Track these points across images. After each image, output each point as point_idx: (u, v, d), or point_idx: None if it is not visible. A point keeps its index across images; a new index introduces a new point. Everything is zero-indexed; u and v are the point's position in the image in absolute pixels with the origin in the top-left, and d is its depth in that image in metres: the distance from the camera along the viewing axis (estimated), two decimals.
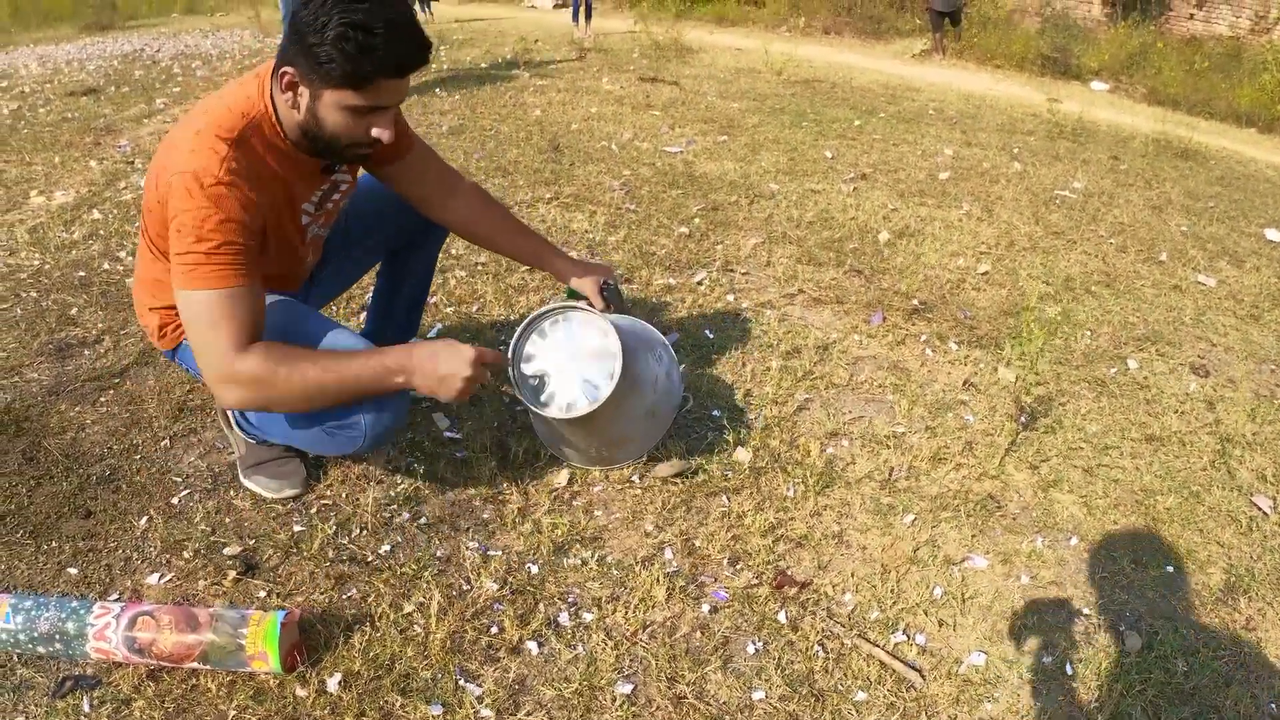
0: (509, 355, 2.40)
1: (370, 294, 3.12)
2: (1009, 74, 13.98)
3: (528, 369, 2.43)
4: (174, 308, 2.26)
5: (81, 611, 1.95)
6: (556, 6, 22.50)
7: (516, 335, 2.42)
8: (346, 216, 2.58)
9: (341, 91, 1.96)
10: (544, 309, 2.45)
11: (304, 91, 2.00)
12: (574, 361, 2.41)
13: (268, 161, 2.09)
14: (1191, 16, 16.57)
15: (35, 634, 1.94)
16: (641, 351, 2.49)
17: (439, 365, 2.09)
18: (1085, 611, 2.27)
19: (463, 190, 2.64)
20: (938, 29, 15.21)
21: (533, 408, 2.39)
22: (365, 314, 3.16)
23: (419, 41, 1.98)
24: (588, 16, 14.77)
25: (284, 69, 1.99)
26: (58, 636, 1.93)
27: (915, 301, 3.97)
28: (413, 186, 2.57)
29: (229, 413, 2.58)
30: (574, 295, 2.72)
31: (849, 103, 9.27)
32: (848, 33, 17.39)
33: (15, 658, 1.97)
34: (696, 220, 4.93)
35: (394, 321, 2.96)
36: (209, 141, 1.98)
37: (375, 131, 2.05)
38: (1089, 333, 3.83)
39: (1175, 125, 9.87)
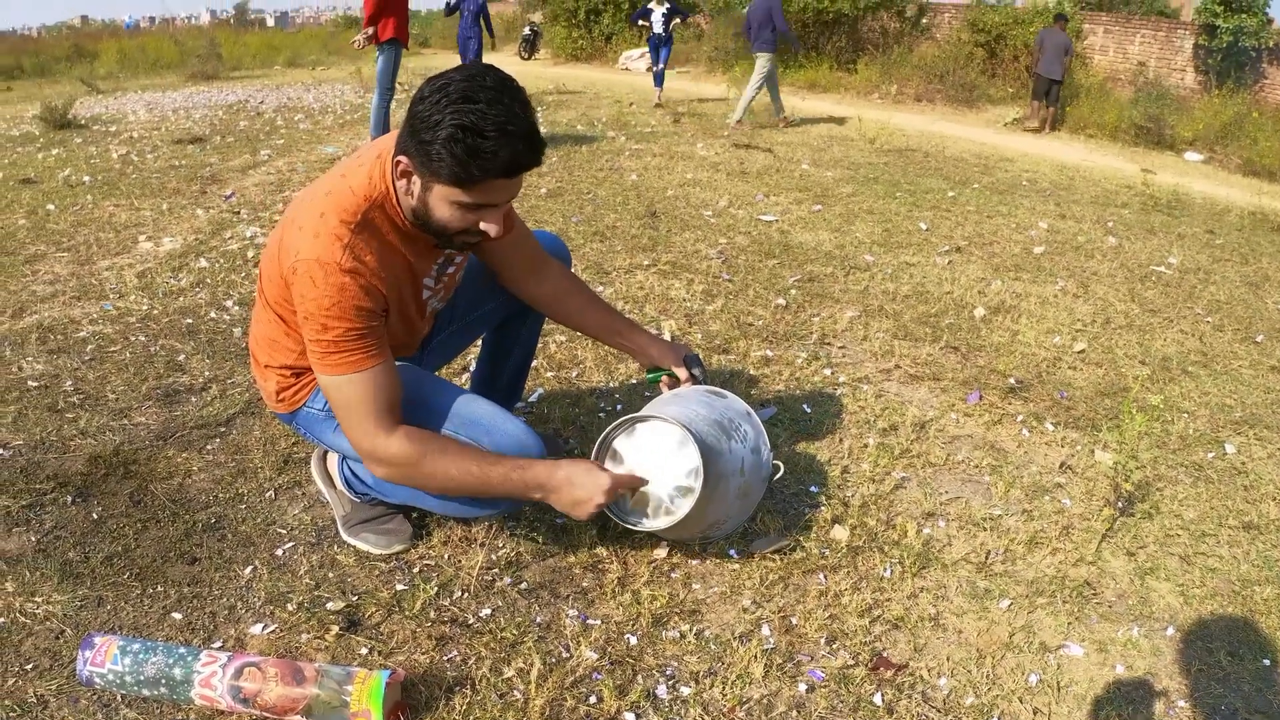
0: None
1: (475, 357, 3.20)
2: (1102, 144, 13.88)
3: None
4: (289, 368, 2.37)
5: (189, 658, 2.01)
6: (650, 69, 22.76)
7: (595, 450, 2.48)
8: (457, 290, 2.65)
9: (450, 188, 2.00)
10: (618, 421, 2.49)
11: (416, 181, 2.05)
12: (657, 469, 2.44)
13: (390, 240, 2.17)
14: None
15: (141, 677, 1.99)
16: (724, 441, 2.50)
17: (575, 491, 2.20)
18: (1180, 704, 2.24)
19: (550, 270, 2.71)
20: (1039, 97, 15.04)
21: (618, 519, 2.43)
22: (470, 377, 3.24)
23: (531, 146, 1.98)
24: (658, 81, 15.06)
25: (399, 157, 2.05)
26: (163, 681, 1.99)
27: (1011, 380, 3.97)
28: (505, 263, 2.65)
29: (335, 474, 2.67)
30: (657, 372, 2.78)
31: (942, 173, 9.29)
32: (939, 100, 17.39)
33: (119, 698, 2.03)
34: (793, 291, 4.98)
35: (498, 387, 3.03)
36: (332, 227, 2.06)
37: (484, 225, 2.08)
38: (1186, 415, 3.80)
39: (1271, 197, 9.76)
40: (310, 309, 2.05)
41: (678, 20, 14.93)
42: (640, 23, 15.37)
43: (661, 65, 14.82)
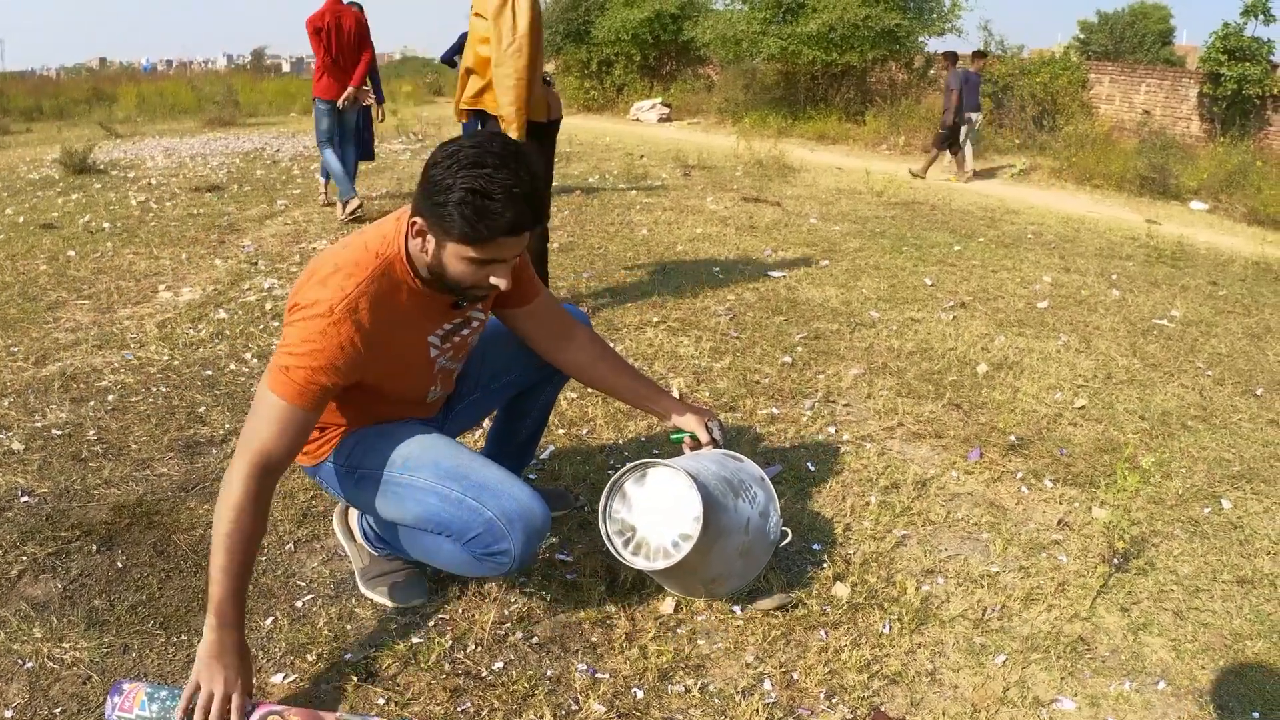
0: (600, 510, 2.60)
1: (491, 417, 3.28)
2: (1107, 194, 13.88)
3: (621, 517, 2.60)
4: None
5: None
6: (662, 120, 22.96)
7: (606, 491, 2.60)
8: (482, 358, 2.78)
9: (462, 245, 2.15)
10: (630, 465, 2.61)
11: (430, 240, 2.20)
12: (661, 514, 2.55)
13: (397, 298, 2.29)
14: None
15: None
16: (731, 498, 2.60)
17: (202, 649, 2.09)
18: None
19: (578, 336, 2.82)
20: (942, 145, 14.38)
21: (621, 557, 2.55)
22: (485, 436, 3.32)
23: (534, 208, 2.16)
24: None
25: (414, 219, 2.20)
26: None
27: (1012, 437, 4.03)
28: (531, 330, 2.75)
29: (355, 528, 2.76)
30: (680, 433, 2.88)
31: (948, 226, 9.37)
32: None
33: None
34: (799, 349, 5.05)
35: (512, 448, 3.11)
36: (340, 279, 2.20)
37: (493, 280, 2.24)
38: (1184, 470, 3.86)
39: (1275, 246, 9.81)
40: (290, 333, 2.18)
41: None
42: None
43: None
